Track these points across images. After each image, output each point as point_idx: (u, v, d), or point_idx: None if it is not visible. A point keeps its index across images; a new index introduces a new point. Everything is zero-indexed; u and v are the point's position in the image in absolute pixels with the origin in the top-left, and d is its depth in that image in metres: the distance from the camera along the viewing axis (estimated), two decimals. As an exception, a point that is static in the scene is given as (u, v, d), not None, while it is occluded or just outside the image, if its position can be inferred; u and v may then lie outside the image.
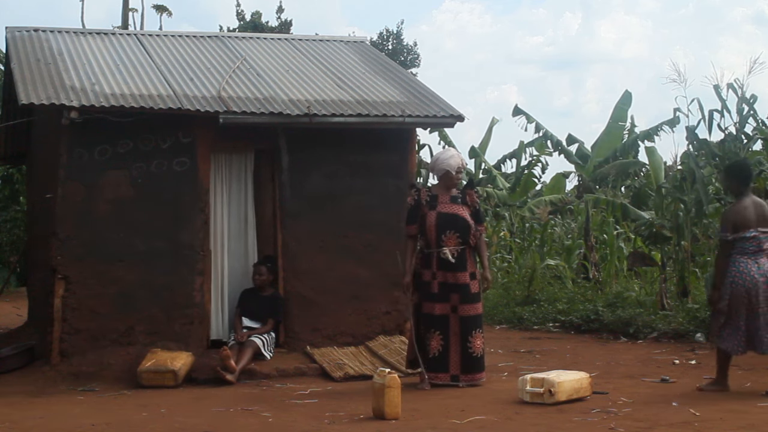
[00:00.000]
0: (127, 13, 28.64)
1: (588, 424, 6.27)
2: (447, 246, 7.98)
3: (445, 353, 7.99)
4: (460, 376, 7.99)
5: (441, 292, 8.01)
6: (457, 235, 8.03)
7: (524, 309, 13.37)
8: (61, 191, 8.77)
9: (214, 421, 6.81)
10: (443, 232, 8.01)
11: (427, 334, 8.02)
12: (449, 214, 8.07)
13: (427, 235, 8.05)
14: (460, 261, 8.03)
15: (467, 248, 8.09)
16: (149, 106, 8.75)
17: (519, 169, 21.91)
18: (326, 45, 11.64)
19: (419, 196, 8.14)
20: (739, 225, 7.38)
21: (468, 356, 7.98)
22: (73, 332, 8.65)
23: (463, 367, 7.99)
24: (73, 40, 10.59)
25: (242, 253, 9.48)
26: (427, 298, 8.05)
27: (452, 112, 9.60)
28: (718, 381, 7.54)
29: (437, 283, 8.01)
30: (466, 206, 8.16)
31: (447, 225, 8.03)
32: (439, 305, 8.02)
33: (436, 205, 8.08)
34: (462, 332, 7.99)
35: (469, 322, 8.01)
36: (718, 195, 12.14)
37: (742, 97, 11.59)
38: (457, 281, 8.00)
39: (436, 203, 8.10)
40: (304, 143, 9.36)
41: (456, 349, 7.99)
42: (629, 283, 14.15)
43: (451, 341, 7.99)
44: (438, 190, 8.19)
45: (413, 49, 32.76)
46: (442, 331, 8.00)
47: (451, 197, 8.16)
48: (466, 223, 8.08)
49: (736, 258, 7.39)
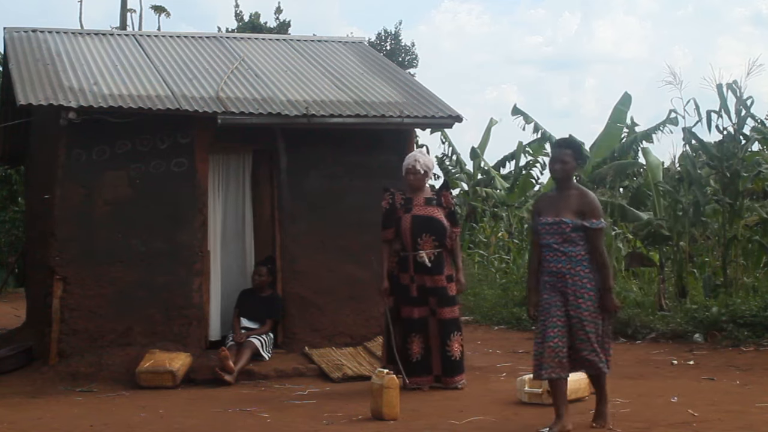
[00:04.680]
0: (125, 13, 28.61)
1: (587, 425, 6.27)
2: (423, 249, 7.87)
3: (427, 356, 7.97)
4: (441, 377, 7.99)
5: (419, 295, 7.93)
6: (433, 237, 7.91)
7: (523, 309, 13.32)
8: (60, 192, 8.77)
9: (213, 421, 6.81)
10: (419, 235, 7.89)
11: (408, 339, 7.94)
12: (424, 216, 7.96)
13: (403, 239, 7.93)
14: (436, 264, 7.94)
15: (443, 251, 7.97)
16: (147, 107, 8.75)
17: (517, 169, 21.92)
18: (324, 46, 11.65)
19: (393, 199, 8.03)
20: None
21: (447, 359, 7.94)
22: (72, 333, 8.65)
23: (442, 369, 7.97)
24: (72, 40, 10.59)
25: (240, 254, 9.48)
26: (406, 302, 7.96)
27: (450, 112, 9.61)
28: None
29: (416, 286, 7.93)
30: (441, 208, 8.02)
31: (422, 228, 7.93)
32: (417, 309, 7.94)
33: (411, 208, 7.96)
34: (441, 335, 7.96)
35: (446, 325, 7.94)
36: (716, 196, 12.16)
37: (740, 98, 11.62)
38: (435, 284, 7.93)
39: (411, 206, 7.97)
40: (302, 144, 9.36)
41: (437, 351, 7.96)
42: (627, 284, 14.15)
43: (431, 344, 7.96)
44: (411, 193, 8.05)
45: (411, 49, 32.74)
46: (422, 334, 7.96)
47: (425, 199, 8.02)
48: (441, 225, 7.97)
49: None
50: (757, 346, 9.64)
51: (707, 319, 10.46)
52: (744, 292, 11.32)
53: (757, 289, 11.49)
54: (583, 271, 5.97)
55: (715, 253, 12.79)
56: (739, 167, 11.65)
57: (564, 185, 6.11)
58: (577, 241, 5.97)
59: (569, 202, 6.02)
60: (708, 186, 12.58)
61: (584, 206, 5.98)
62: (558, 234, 5.99)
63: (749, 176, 11.90)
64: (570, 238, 5.96)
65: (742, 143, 11.89)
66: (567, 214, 5.98)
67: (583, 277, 5.97)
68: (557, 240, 5.99)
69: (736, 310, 10.31)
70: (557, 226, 6.00)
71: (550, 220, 6.03)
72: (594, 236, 5.97)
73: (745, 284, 11.64)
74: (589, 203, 6.00)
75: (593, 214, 5.96)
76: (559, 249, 5.98)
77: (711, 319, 10.41)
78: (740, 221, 11.92)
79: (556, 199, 6.10)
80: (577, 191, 6.07)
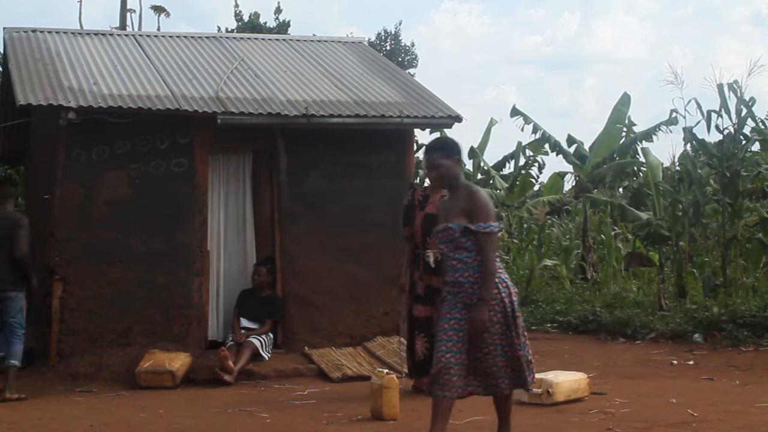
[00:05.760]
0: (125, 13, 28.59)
1: (586, 425, 6.27)
2: (431, 248, 7.76)
3: (430, 357, 7.90)
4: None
5: (426, 294, 7.78)
6: None
7: (522, 309, 13.31)
8: (59, 192, 8.77)
9: (212, 421, 6.81)
10: (428, 234, 7.68)
11: (413, 337, 7.91)
12: (434, 215, 7.90)
13: (415, 237, 7.84)
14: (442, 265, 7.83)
15: None
16: (147, 107, 8.75)
17: (516, 169, 21.92)
18: (324, 46, 11.65)
19: (413, 197, 7.95)
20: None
21: None
22: (71, 333, 8.65)
23: None
24: (71, 40, 10.59)
25: (240, 254, 9.48)
26: (415, 300, 7.87)
27: (450, 112, 9.60)
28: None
29: (423, 285, 7.81)
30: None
31: (432, 227, 7.85)
32: (423, 308, 7.84)
33: (426, 206, 7.83)
34: None
35: None
36: (716, 196, 12.17)
37: (740, 98, 11.62)
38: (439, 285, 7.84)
39: (426, 204, 7.84)
40: (302, 144, 9.36)
41: None
42: (627, 284, 14.17)
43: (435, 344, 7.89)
44: (431, 191, 7.92)
45: (411, 49, 32.74)
46: (427, 333, 7.89)
47: (441, 197, 7.98)
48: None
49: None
50: (757, 346, 9.65)
51: (707, 319, 10.46)
52: (744, 292, 11.33)
53: (757, 289, 11.50)
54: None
55: (714, 253, 12.80)
56: (739, 167, 11.65)
57: (452, 187, 5.53)
58: (470, 247, 5.33)
59: (457, 204, 5.43)
60: (708, 186, 12.59)
61: (471, 206, 5.35)
62: (449, 241, 5.41)
63: (749, 176, 11.91)
64: (461, 245, 5.35)
65: (742, 143, 11.90)
66: (455, 217, 5.38)
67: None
68: (450, 248, 5.41)
69: (735, 310, 10.32)
70: (446, 232, 5.42)
71: (440, 227, 5.49)
72: (482, 240, 5.28)
73: (744, 284, 11.65)
74: (476, 203, 5.35)
75: (481, 215, 5.30)
76: (453, 257, 5.40)
77: (711, 319, 10.41)
78: (740, 221, 11.93)
79: (449, 203, 5.54)
80: (465, 191, 5.46)
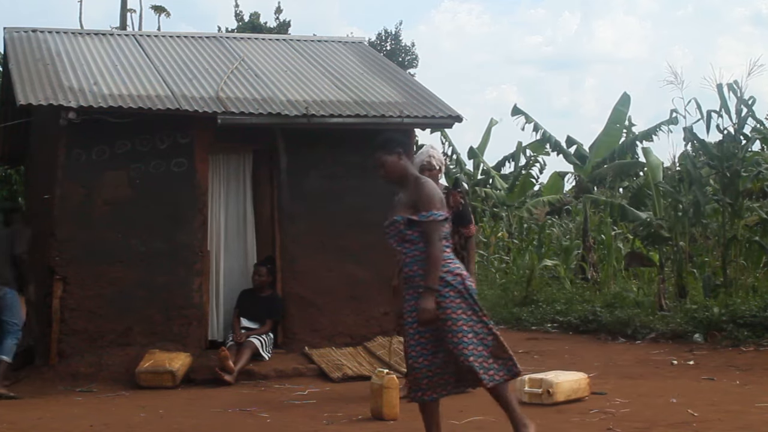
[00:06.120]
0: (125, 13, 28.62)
1: (586, 425, 6.27)
2: None
3: None
4: None
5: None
6: None
7: (522, 309, 13.37)
8: (59, 192, 8.76)
9: (213, 421, 6.81)
10: None
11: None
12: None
13: None
14: None
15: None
16: (147, 107, 8.75)
17: (516, 169, 21.93)
18: (324, 46, 11.64)
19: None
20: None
21: None
22: (71, 333, 8.65)
23: None
24: (71, 40, 10.59)
25: (241, 254, 9.47)
26: None
27: (450, 112, 9.60)
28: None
29: None
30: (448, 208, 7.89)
31: None
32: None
33: None
34: None
35: None
36: (716, 196, 12.16)
37: (740, 98, 11.62)
38: None
39: None
40: (302, 144, 9.36)
41: None
42: (627, 284, 14.16)
43: None
44: None
45: (411, 49, 32.76)
46: None
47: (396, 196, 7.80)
48: None
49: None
50: (757, 346, 9.64)
51: (707, 319, 10.46)
52: (744, 292, 11.33)
53: (757, 289, 11.49)
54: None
55: (714, 253, 12.80)
56: (739, 167, 11.65)
57: (401, 183, 5.36)
58: (416, 239, 5.19)
59: (406, 198, 5.28)
60: (708, 186, 12.58)
61: (416, 197, 5.21)
62: (397, 235, 5.25)
63: (749, 176, 11.91)
64: (407, 237, 5.20)
65: (742, 143, 11.89)
66: (401, 211, 5.24)
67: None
68: (398, 241, 5.26)
69: (735, 310, 10.32)
70: (392, 226, 5.27)
71: (387, 222, 5.32)
72: (427, 229, 5.12)
73: (744, 284, 11.65)
74: (420, 192, 5.20)
75: (425, 205, 5.14)
76: (402, 252, 5.25)
77: (711, 319, 10.41)
78: (740, 221, 11.93)
79: (399, 199, 5.37)
80: (414, 183, 5.30)
